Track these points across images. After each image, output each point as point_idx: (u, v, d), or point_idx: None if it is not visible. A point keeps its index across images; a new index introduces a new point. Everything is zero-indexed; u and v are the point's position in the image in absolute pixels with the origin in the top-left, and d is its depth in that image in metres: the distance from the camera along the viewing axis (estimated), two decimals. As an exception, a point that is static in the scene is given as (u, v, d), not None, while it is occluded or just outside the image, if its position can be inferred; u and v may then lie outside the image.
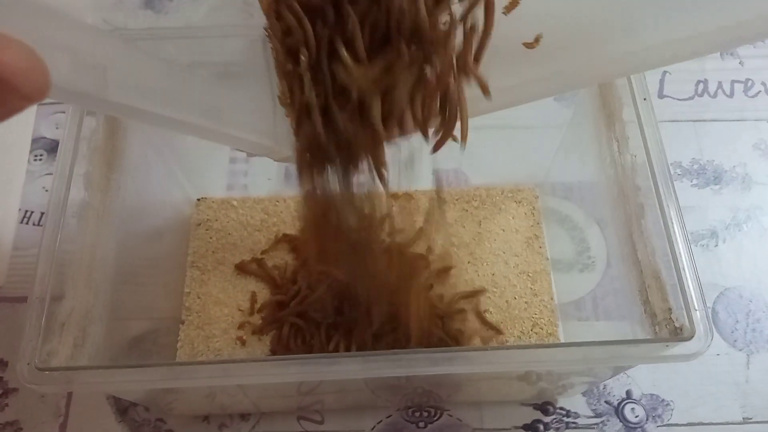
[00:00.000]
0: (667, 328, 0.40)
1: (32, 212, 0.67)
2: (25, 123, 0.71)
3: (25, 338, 0.39)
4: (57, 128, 0.71)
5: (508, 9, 0.35)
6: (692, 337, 0.38)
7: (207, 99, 0.38)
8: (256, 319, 0.60)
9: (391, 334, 0.54)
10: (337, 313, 0.56)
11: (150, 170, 0.59)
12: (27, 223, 0.67)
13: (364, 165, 0.38)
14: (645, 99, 0.45)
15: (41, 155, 0.70)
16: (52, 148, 0.70)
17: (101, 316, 0.47)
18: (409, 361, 0.38)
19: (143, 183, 0.58)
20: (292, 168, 0.66)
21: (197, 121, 0.36)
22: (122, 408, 0.58)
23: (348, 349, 0.55)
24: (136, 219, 0.57)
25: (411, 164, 0.44)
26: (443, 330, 0.57)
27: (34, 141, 0.71)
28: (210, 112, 0.37)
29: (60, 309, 0.41)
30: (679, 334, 0.39)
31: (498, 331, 0.60)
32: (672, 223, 0.41)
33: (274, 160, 0.45)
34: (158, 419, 0.58)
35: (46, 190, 0.67)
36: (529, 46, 0.35)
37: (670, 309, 0.40)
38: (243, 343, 0.59)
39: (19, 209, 0.67)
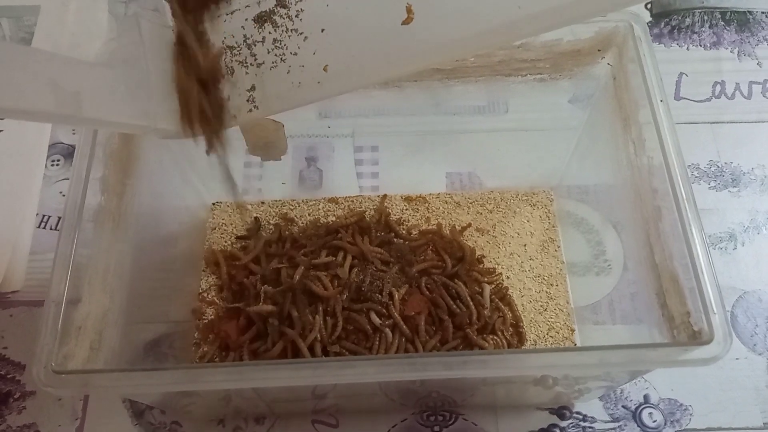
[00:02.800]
0: (686, 332, 0.39)
1: (49, 217, 0.68)
2: (43, 129, 0.72)
3: (41, 341, 0.39)
4: (74, 134, 0.72)
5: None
6: (711, 341, 0.37)
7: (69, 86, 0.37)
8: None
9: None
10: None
11: (165, 175, 0.60)
12: (44, 228, 0.67)
13: None
14: (662, 100, 0.45)
15: (58, 160, 0.71)
16: (69, 153, 0.71)
17: (117, 320, 0.47)
18: (424, 364, 0.38)
19: (159, 188, 0.58)
20: (306, 172, 0.67)
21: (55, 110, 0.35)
22: (138, 411, 0.58)
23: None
24: (152, 223, 0.58)
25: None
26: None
27: (51, 146, 0.72)
28: (70, 100, 0.36)
29: (76, 313, 0.41)
30: (697, 338, 0.38)
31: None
32: (690, 225, 0.41)
33: (158, 137, 0.45)
34: (174, 422, 0.58)
35: (63, 195, 0.67)
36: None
37: (688, 312, 0.40)
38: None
39: (37, 214, 0.68)
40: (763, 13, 0.77)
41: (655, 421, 0.57)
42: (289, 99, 0.39)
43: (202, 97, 0.40)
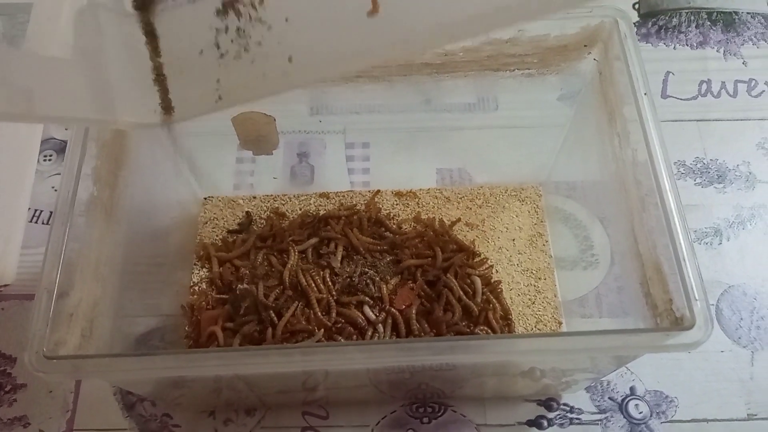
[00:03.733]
0: (668, 319, 0.40)
1: (41, 211, 0.68)
2: (35, 124, 0.72)
3: (32, 327, 0.39)
4: (66, 129, 0.72)
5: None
6: (692, 326, 0.38)
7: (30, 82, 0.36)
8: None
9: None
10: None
11: (158, 169, 0.60)
12: (36, 222, 0.67)
13: None
14: (645, 94, 0.46)
15: (50, 155, 0.71)
16: (62, 148, 0.71)
17: (108, 311, 0.47)
18: (412, 350, 0.39)
19: (151, 181, 0.58)
20: (297, 167, 0.67)
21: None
22: (129, 403, 0.59)
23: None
24: (144, 217, 0.58)
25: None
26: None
27: (44, 142, 0.72)
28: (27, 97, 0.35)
29: (68, 300, 0.42)
30: (679, 323, 0.39)
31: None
32: (672, 215, 0.42)
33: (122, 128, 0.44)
34: (165, 414, 0.58)
35: (56, 190, 0.67)
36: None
37: (671, 300, 0.40)
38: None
39: (29, 208, 0.68)
40: (748, 13, 0.78)
41: (641, 413, 0.58)
42: (255, 89, 0.39)
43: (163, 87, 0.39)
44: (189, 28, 0.39)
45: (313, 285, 0.57)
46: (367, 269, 0.58)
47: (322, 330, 0.54)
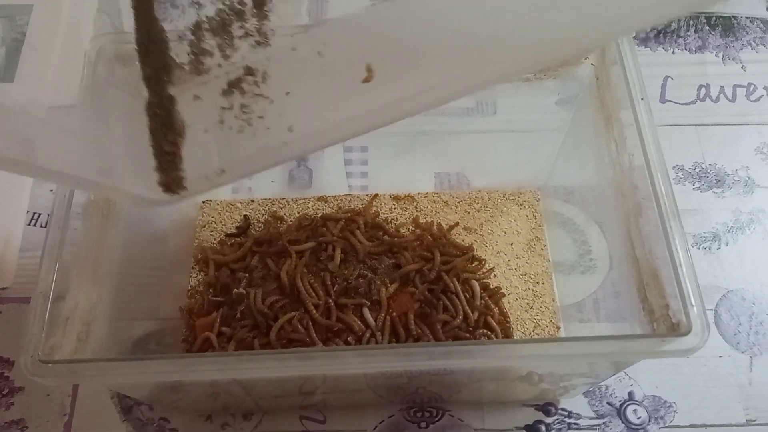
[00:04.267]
0: (665, 324, 0.40)
1: (40, 214, 0.68)
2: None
3: (28, 332, 0.40)
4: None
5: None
6: (689, 332, 0.38)
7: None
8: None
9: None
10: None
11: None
12: (35, 225, 0.68)
13: None
14: (642, 99, 0.46)
15: (50, 159, 0.71)
16: (61, 151, 0.71)
17: (105, 314, 0.47)
18: (409, 355, 0.39)
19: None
20: (296, 171, 0.68)
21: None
22: (126, 407, 0.59)
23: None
24: (142, 220, 0.58)
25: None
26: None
27: (43, 145, 0.72)
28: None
29: (64, 304, 0.42)
30: (676, 329, 0.39)
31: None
32: (669, 220, 0.42)
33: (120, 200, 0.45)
34: (162, 418, 0.58)
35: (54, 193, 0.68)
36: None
37: (667, 305, 0.40)
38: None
39: (27, 211, 0.68)
40: (747, 18, 0.78)
41: (639, 418, 0.58)
42: (257, 162, 0.39)
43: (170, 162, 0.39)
44: (195, 109, 0.40)
45: (311, 291, 0.57)
46: (365, 272, 0.58)
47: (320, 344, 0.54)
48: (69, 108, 0.40)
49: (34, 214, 0.68)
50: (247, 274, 0.59)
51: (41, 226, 0.67)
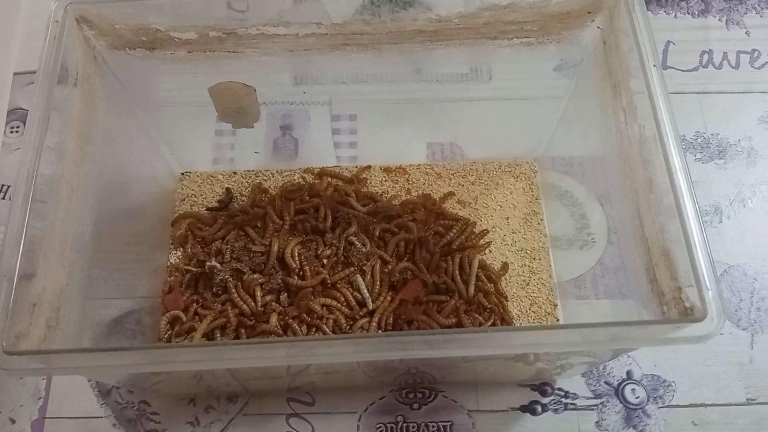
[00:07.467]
0: (677, 308, 0.38)
1: (9, 186, 0.64)
2: (0, 94, 0.68)
3: (-9, 320, 0.36)
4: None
5: None
6: (704, 317, 0.36)
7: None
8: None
9: None
10: None
11: (131, 143, 0.56)
12: (4, 199, 0.64)
13: None
14: (654, 65, 0.43)
15: (18, 127, 0.67)
16: (29, 119, 0.67)
17: (77, 297, 0.44)
18: (404, 343, 0.36)
19: (124, 156, 0.55)
20: (281, 141, 0.64)
21: None
22: (105, 390, 0.56)
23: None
24: (117, 194, 0.55)
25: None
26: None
27: (10, 112, 0.68)
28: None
29: (30, 288, 0.38)
30: (689, 314, 0.36)
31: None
32: (684, 197, 0.39)
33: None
34: (142, 401, 0.55)
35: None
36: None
37: (679, 288, 0.38)
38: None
39: (-5, 183, 0.64)
40: (752, -20, 0.75)
41: (638, 397, 0.56)
42: None
43: None
44: None
45: (299, 268, 0.54)
46: (354, 240, 0.56)
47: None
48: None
49: (2, 186, 0.64)
50: (228, 246, 0.56)
51: (11, 199, 0.63)
